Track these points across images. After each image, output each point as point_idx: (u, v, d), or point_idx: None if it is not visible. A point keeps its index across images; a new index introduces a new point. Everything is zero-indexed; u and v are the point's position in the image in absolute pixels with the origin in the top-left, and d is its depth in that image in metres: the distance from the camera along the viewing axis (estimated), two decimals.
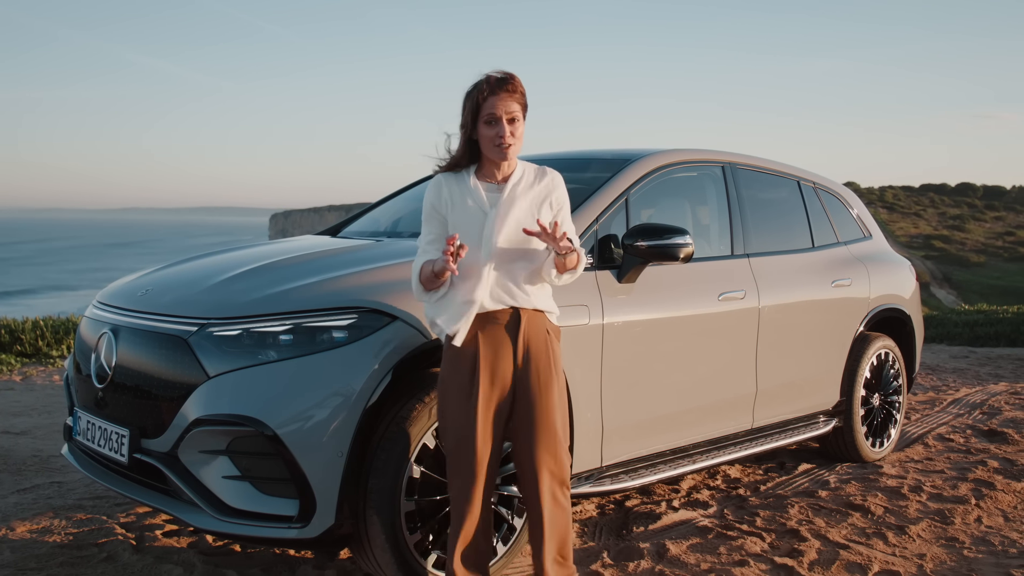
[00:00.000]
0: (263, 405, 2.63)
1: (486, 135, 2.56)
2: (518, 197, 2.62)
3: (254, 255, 3.38)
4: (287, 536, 2.64)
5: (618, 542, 3.53)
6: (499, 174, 2.65)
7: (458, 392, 2.57)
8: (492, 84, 2.54)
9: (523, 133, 2.61)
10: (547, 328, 2.65)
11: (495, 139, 2.55)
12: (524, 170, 2.68)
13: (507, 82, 2.56)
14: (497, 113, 2.53)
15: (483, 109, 2.54)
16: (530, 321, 2.61)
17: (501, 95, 2.54)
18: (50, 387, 6.69)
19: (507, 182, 2.64)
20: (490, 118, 2.54)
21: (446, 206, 2.62)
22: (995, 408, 6.44)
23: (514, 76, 2.59)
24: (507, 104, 2.54)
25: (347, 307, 2.75)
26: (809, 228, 4.72)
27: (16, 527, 3.54)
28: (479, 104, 2.54)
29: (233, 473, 2.68)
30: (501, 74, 2.57)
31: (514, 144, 2.58)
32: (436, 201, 2.64)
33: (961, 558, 3.46)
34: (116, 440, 2.92)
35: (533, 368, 2.60)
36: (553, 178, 2.71)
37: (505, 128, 2.54)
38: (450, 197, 2.62)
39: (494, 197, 2.61)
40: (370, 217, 4.48)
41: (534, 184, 2.67)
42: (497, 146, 2.56)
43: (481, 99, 2.54)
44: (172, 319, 2.88)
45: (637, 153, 3.87)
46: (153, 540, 3.43)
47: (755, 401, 4.10)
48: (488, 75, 2.57)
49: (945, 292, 50.71)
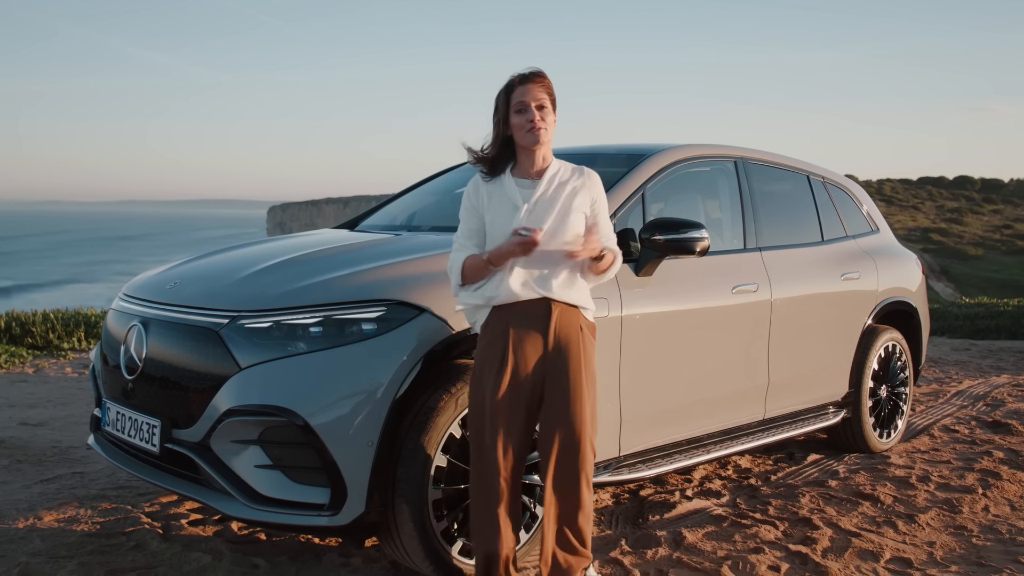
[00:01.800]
0: (295, 395, 2.69)
1: (517, 123, 2.67)
2: (553, 192, 2.70)
3: (280, 248, 3.44)
4: (318, 524, 2.71)
5: (635, 530, 3.61)
6: (534, 169, 2.73)
7: (487, 378, 2.64)
8: (522, 76, 2.68)
9: (553, 124, 2.70)
10: (581, 324, 2.71)
11: (525, 124, 2.65)
12: (560, 167, 2.76)
13: (536, 75, 2.69)
14: (526, 100, 2.65)
15: (513, 99, 2.66)
16: (562, 314, 2.67)
17: (530, 85, 2.67)
18: (63, 379, 6.75)
19: (542, 177, 2.72)
20: (520, 106, 2.65)
21: (483, 202, 2.71)
22: (998, 400, 6.52)
23: (542, 71, 2.71)
24: (535, 93, 2.66)
25: (376, 300, 2.82)
26: (818, 222, 4.79)
27: (43, 516, 3.60)
28: (510, 95, 2.67)
29: (265, 462, 2.74)
30: (530, 69, 2.69)
31: (544, 129, 2.67)
32: (474, 198, 2.74)
33: (970, 546, 3.54)
34: (147, 430, 2.98)
35: (562, 361, 2.66)
36: (590, 177, 2.79)
37: (534, 113, 2.65)
38: (487, 193, 2.71)
39: (528, 193, 2.69)
40: (386, 211, 4.53)
41: (570, 181, 2.75)
42: (528, 131, 2.66)
43: (512, 90, 2.68)
44: (203, 312, 2.93)
45: (652, 148, 3.93)
46: (179, 529, 3.50)
47: (767, 392, 4.16)
48: (516, 72, 2.70)
49: (943, 285, 50.86)
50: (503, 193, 2.69)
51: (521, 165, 2.74)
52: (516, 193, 2.68)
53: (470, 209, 2.74)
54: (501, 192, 2.70)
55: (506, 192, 2.69)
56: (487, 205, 2.70)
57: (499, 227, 2.65)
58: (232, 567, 3.09)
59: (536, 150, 2.71)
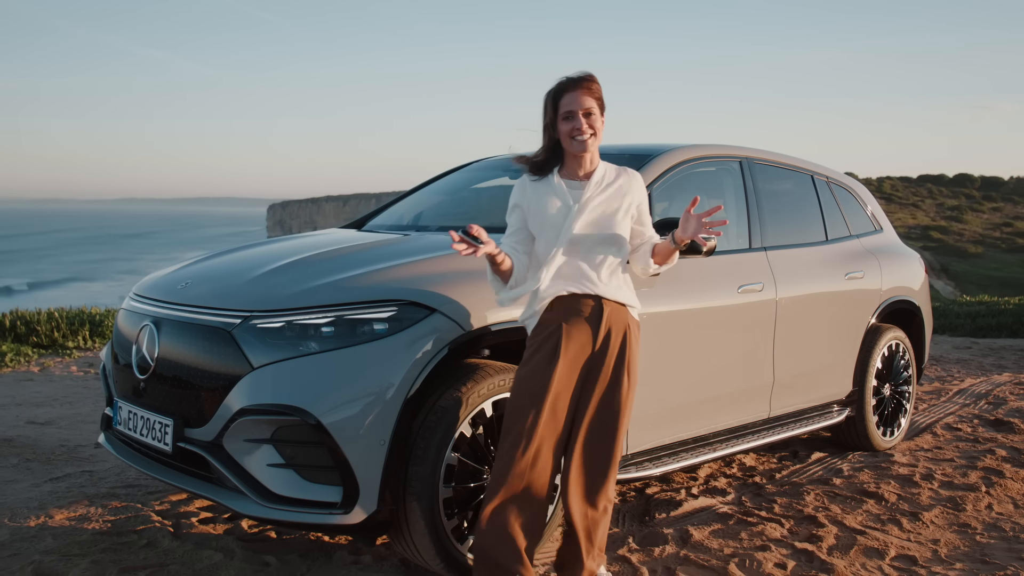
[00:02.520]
0: (307, 395, 2.71)
1: (564, 129, 2.72)
2: (600, 193, 2.77)
3: (290, 249, 3.46)
4: (330, 522, 2.73)
5: (642, 528, 3.63)
6: (581, 171, 2.80)
7: (535, 370, 2.68)
8: (569, 82, 2.72)
9: (601, 129, 2.76)
10: (628, 322, 2.79)
11: (572, 132, 2.71)
12: (606, 169, 2.83)
13: (583, 80, 2.72)
14: (573, 108, 2.70)
15: (561, 106, 2.71)
16: (613, 312, 2.75)
17: (577, 92, 2.71)
18: (68, 378, 6.77)
19: (589, 179, 2.79)
20: (568, 114, 2.70)
21: (529, 202, 2.77)
22: (1000, 398, 6.54)
23: (591, 75, 2.75)
24: (583, 99, 2.70)
25: (387, 300, 2.84)
26: (823, 221, 4.81)
27: (54, 515, 3.63)
28: (558, 101, 2.72)
29: (277, 461, 2.77)
30: (578, 73, 2.73)
31: (592, 137, 2.72)
32: (520, 198, 2.81)
33: (974, 543, 3.57)
34: (160, 429, 3.01)
35: (608, 359, 2.73)
36: (633, 178, 2.87)
37: (581, 121, 2.70)
38: (534, 194, 2.78)
39: (577, 193, 2.76)
40: (393, 211, 4.56)
41: (615, 182, 2.82)
42: (574, 139, 2.71)
43: (559, 96, 2.72)
44: (215, 312, 2.96)
45: (658, 149, 3.95)
46: (190, 527, 3.52)
47: (772, 391, 4.19)
48: (565, 76, 2.74)
49: (943, 283, 50.87)
50: (552, 193, 2.76)
51: (569, 167, 2.82)
52: (566, 194, 2.76)
53: (513, 208, 2.82)
54: (551, 192, 2.76)
55: (555, 192, 2.76)
56: (535, 205, 2.76)
57: (550, 227, 2.73)
58: (244, 565, 3.12)
59: (583, 155, 2.77)
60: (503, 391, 2.95)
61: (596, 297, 2.73)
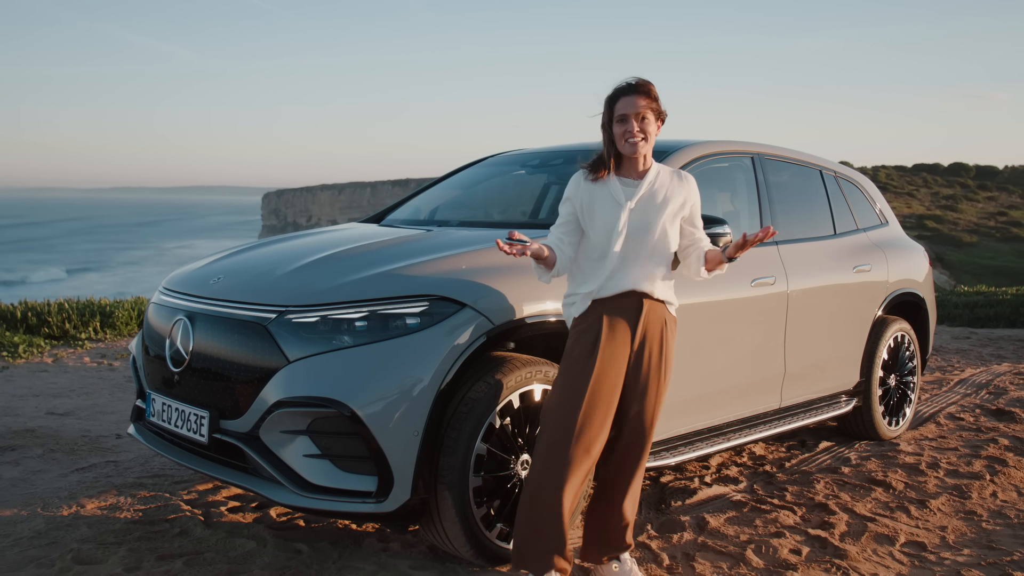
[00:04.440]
0: (343, 387, 2.80)
1: (618, 132, 2.83)
2: (653, 193, 2.87)
3: (319, 244, 3.54)
4: (365, 510, 2.83)
5: (659, 515, 3.74)
6: (636, 172, 2.90)
7: (575, 367, 2.79)
8: (625, 87, 2.84)
9: (655, 134, 2.86)
10: (665, 318, 2.90)
11: (624, 135, 2.82)
12: (659, 170, 2.94)
13: (639, 86, 2.83)
14: (627, 112, 2.80)
15: (616, 110, 2.83)
16: (651, 309, 2.85)
17: (632, 96, 2.81)
18: (82, 369, 6.85)
19: (643, 179, 2.89)
20: (621, 117, 2.81)
21: (582, 198, 2.88)
22: (1000, 388, 6.66)
23: (647, 81, 2.85)
24: (636, 103, 2.80)
25: (419, 295, 2.93)
26: (831, 216, 4.91)
27: (86, 504, 3.71)
28: (613, 105, 2.84)
29: (313, 452, 2.86)
30: (635, 79, 2.84)
31: (643, 140, 2.83)
32: (573, 192, 2.92)
33: (980, 530, 3.68)
34: (195, 421, 3.09)
35: (647, 355, 2.85)
36: (688, 181, 2.98)
37: (634, 125, 2.80)
38: (587, 190, 2.88)
39: (630, 192, 2.86)
40: (410, 206, 4.63)
41: (669, 184, 2.92)
42: (626, 141, 2.82)
43: (615, 101, 2.83)
44: (250, 306, 3.04)
45: (674, 145, 4.04)
46: (219, 516, 3.61)
47: (783, 382, 4.29)
48: (623, 80, 2.85)
49: (938, 272, 51.09)
50: (606, 190, 2.86)
51: (624, 167, 2.92)
52: (620, 191, 2.85)
53: (566, 200, 2.93)
54: (605, 189, 2.86)
55: (610, 190, 2.86)
56: (587, 201, 2.86)
57: (603, 222, 2.83)
58: (277, 552, 3.21)
59: (636, 157, 2.87)
60: (530, 383, 3.05)
61: (641, 294, 2.84)
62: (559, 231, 2.92)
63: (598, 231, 2.84)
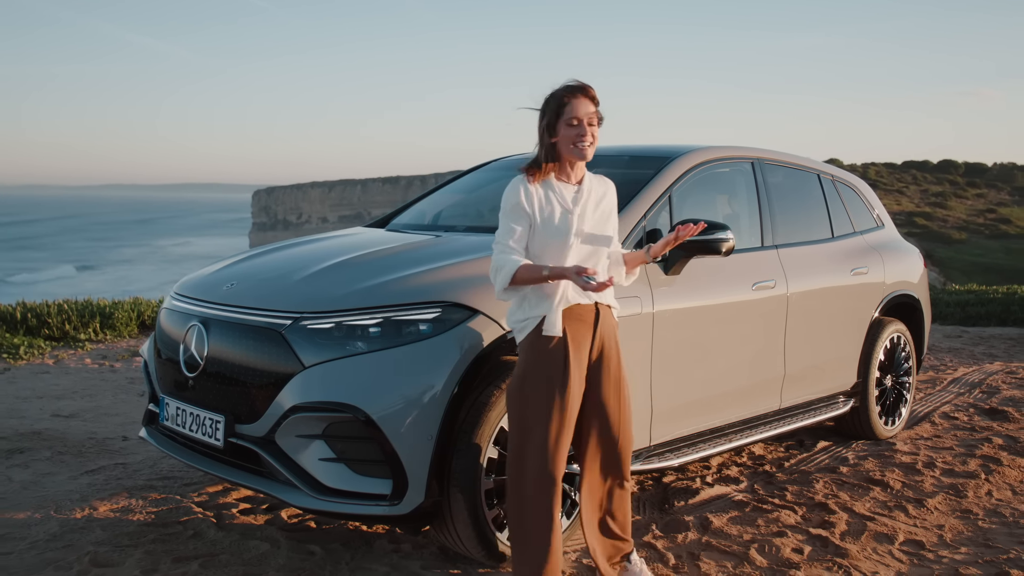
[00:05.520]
0: (358, 392, 2.86)
1: (567, 135, 2.77)
2: (591, 199, 2.87)
3: (330, 250, 3.59)
4: (380, 513, 2.89)
5: (663, 515, 3.81)
6: (573, 177, 2.87)
7: (546, 384, 2.75)
8: (575, 89, 2.79)
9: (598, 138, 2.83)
10: (614, 324, 2.92)
11: (577, 140, 2.76)
12: (590, 176, 2.93)
13: (587, 89, 2.81)
14: (580, 115, 2.75)
15: (566, 112, 2.76)
16: (605, 316, 2.86)
17: (583, 100, 2.77)
18: (84, 370, 6.88)
19: (581, 184, 2.87)
20: (574, 120, 2.75)
21: (533, 205, 2.77)
22: (993, 387, 6.76)
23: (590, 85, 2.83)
24: (588, 107, 2.77)
25: (432, 301, 2.98)
26: (829, 219, 4.99)
27: (98, 507, 3.76)
28: (562, 107, 2.76)
29: (329, 455, 2.91)
30: (580, 82, 2.81)
31: (590, 146, 2.80)
32: (526, 200, 2.77)
33: (977, 529, 3.76)
34: (211, 425, 3.14)
35: (606, 360, 2.86)
36: (609, 186, 2.98)
37: (587, 130, 2.77)
38: (536, 196, 2.78)
39: (573, 198, 2.83)
40: (415, 210, 4.69)
41: (599, 187, 2.93)
42: (577, 146, 2.77)
43: (565, 103, 2.76)
44: (265, 312, 3.09)
45: (677, 150, 4.11)
46: (231, 518, 3.66)
47: (783, 383, 4.37)
48: (570, 83, 2.81)
49: (928, 269, 51.37)
50: (554, 198, 2.80)
51: (562, 171, 2.86)
52: (566, 198, 2.81)
53: (520, 212, 2.77)
54: (552, 197, 2.80)
55: (556, 195, 2.81)
56: (537, 206, 2.77)
57: (552, 230, 2.76)
58: (290, 554, 3.27)
59: (580, 161, 2.85)
60: None
61: (596, 303, 2.82)
62: (521, 247, 2.76)
63: (547, 238, 2.75)
